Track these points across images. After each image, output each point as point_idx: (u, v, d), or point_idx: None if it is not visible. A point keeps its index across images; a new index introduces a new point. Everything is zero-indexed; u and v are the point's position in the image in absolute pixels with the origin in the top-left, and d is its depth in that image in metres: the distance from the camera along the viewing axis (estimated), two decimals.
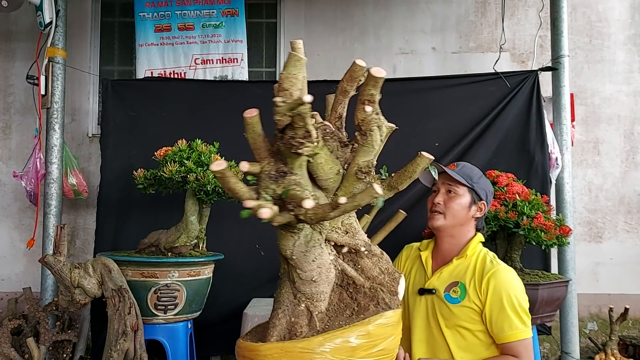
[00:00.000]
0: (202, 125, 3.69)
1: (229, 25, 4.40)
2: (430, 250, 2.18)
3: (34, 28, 3.82)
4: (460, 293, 2.00)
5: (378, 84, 1.31)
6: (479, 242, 2.12)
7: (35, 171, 3.64)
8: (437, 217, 2.09)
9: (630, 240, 4.47)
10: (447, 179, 2.10)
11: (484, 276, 1.98)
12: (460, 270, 2.04)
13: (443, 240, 2.13)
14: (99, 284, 2.69)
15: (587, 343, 4.22)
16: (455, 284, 2.02)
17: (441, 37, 4.58)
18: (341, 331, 1.29)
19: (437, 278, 2.07)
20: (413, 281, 2.16)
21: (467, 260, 2.05)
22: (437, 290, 2.04)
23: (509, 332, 1.92)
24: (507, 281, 1.97)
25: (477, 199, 2.10)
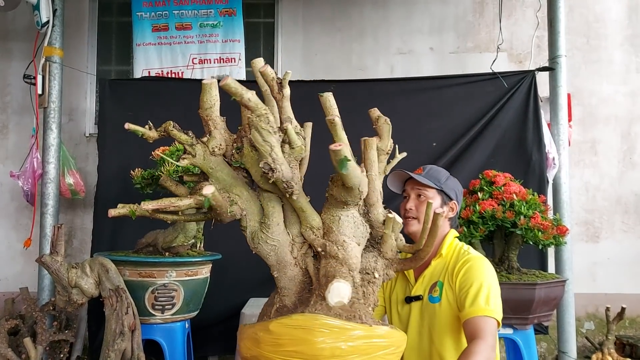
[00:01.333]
0: (199, 124, 3.68)
1: (226, 24, 4.39)
2: None
3: (31, 27, 3.82)
4: (439, 291, 2.02)
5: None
6: (454, 238, 2.14)
7: (32, 171, 3.63)
8: (412, 223, 2.11)
9: (627, 240, 4.48)
10: (415, 184, 2.13)
11: (457, 264, 2.01)
12: (439, 270, 2.07)
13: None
14: (96, 284, 2.68)
15: (584, 342, 4.23)
16: (435, 284, 2.05)
17: (439, 37, 4.58)
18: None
19: (420, 283, 2.09)
20: (397, 292, 2.18)
21: (444, 258, 2.08)
22: (423, 295, 2.06)
23: (470, 308, 1.86)
24: (477, 267, 1.97)
25: (447, 200, 2.13)
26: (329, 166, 1.47)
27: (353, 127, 1.60)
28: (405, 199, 2.17)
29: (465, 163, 3.74)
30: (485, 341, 1.77)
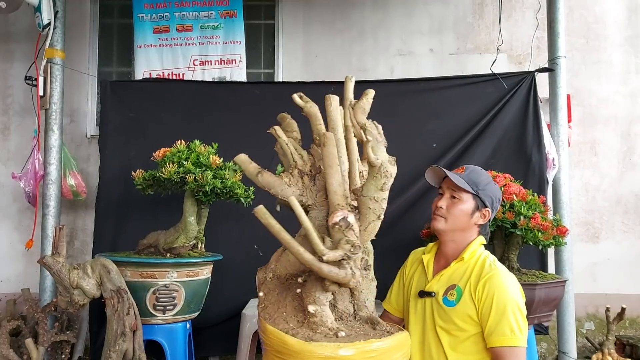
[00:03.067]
0: (200, 126, 3.70)
1: (227, 26, 4.40)
2: (432, 254, 2.18)
3: (33, 29, 3.83)
4: (457, 296, 1.99)
5: None
6: (479, 245, 2.10)
7: (34, 172, 3.64)
8: (439, 220, 2.08)
9: (627, 240, 4.48)
10: (452, 184, 2.08)
11: (480, 279, 1.97)
12: (458, 274, 2.04)
13: (445, 243, 2.13)
14: (97, 285, 2.69)
15: (584, 343, 4.23)
16: (452, 287, 2.02)
17: (439, 39, 4.59)
18: None
19: (437, 281, 2.07)
20: (415, 284, 2.16)
21: (465, 263, 2.05)
22: (436, 294, 2.04)
23: (498, 337, 1.89)
24: (503, 286, 1.94)
25: (481, 206, 2.08)
26: None
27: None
28: (440, 195, 2.14)
29: (465, 164, 3.74)
30: None
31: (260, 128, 1.77)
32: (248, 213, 1.62)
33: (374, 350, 1.37)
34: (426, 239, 3.05)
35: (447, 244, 2.13)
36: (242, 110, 3.78)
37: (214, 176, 2.82)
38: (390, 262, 2.45)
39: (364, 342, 1.40)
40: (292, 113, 1.81)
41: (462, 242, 2.10)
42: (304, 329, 1.45)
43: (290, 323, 1.48)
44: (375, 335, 1.46)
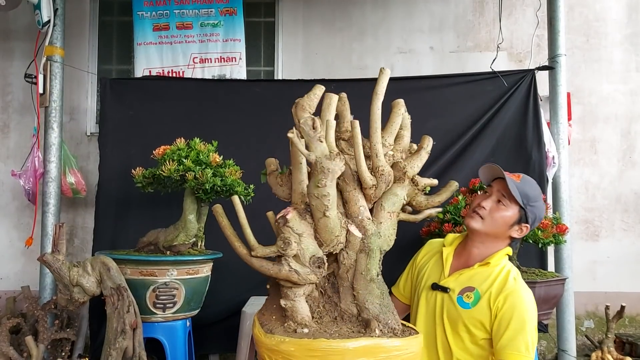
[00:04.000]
0: (200, 123, 3.70)
1: (227, 24, 4.40)
2: (453, 248, 2.13)
3: (32, 27, 3.83)
4: (473, 299, 1.97)
5: None
6: (505, 255, 2.06)
7: (33, 170, 3.64)
8: (476, 219, 2.02)
9: (627, 238, 4.49)
10: (502, 188, 2.02)
11: (501, 292, 1.93)
12: (480, 278, 2.00)
13: (473, 243, 2.07)
14: (97, 283, 2.69)
15: (584, 341, 4.24)
16: (470, 289, 1.99)
17: (439, 37, 4.59)
18: None
19: (455, 279, 2.04)
20: (428, 275, 2.12)
21: (489, 269, 2.01)
22: (452, 291, 2.01)
23: (510, 352, 1.87)
24: (524, 304, 1.92)
25: (523, 220, 2.02)
26: None
27: None
28: (485, 194, 2.08)
29: (465, 162, 3.75)
30: None
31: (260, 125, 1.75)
32: (248, 211, 1.62)
33: (319, 350, 1.36)
34: (426, 237, 3.05)
35: (474, 244, 2.07)
36: (242, 108, 3.78)
37: (213, 174, 2.82)
38: (391, 261, 2.45)
39: (311, 340, 1.40)
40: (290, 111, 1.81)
41: (490, 248, 2.05)
42: (276, 323, 1.53)
43: (273, 316, 1.58)
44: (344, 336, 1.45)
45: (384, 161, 1.58)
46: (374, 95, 1.57)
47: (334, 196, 1.46)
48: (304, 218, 1.51)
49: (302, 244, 1.48)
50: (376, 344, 1.40)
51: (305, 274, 1.48)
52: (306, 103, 1.51)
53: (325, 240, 1.51)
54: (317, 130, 1.42)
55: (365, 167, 1.54)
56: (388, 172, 1.57)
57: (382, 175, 1.56)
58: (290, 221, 1.46)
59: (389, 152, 1.63)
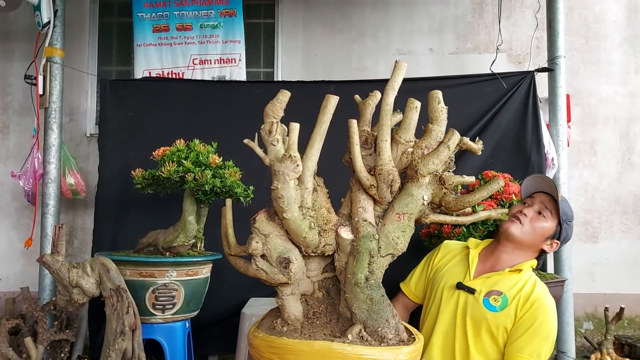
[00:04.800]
0: (200, 125, 3.70)
1: (227, 25, 4.41)
2: (478, 251, 2.16)
3: (32, 28, 3.83)
4: (501, 303, 1.99)
5: None
6: (530, 267, 2.10)
7: (33, 171, 3.64)
8: (516, 225, 2.07)
9: (626, 240, 4.49)
10: (546, 200, 2.09)
11: (529, 299, 1.97)
12: (508, 284, 2.02)
13: (504, 249, 2.11)
14: (97, 284, 2.69)
15: (583, 342, 4.24)
16: (498, 292, 2.01)
17: (438, 38, 4.59)
18: None
19: (483, 281, 2.06)
20: (449, 275, 2.14)
21: (519, 277, 2.04)
22: (478, 292, 2.03)
23: (524, 356, 1.90)
24: (549, 313, 1.95)
25: (556, 237, 2.09)
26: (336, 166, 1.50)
27: None
28: (524, 204, 2.14)
29: (464, 163, 3.75)
30: None
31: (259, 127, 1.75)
32: (247, 212, 1.64)
33: (277, 347, 1.42)
34: (425, 238, 3.05)
35: (506, 250, 2.10)
36: (241, 109, 3.78)
37: (213, 175, 2.82)
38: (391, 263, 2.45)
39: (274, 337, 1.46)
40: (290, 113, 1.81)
41: (520, 257, 2.09)
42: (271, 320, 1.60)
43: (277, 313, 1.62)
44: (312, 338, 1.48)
45: (387, 160, 1.53)
46: (386, 90, 1.54)
47: (289, 198, 1.47)
48: (273, 219, 1.53)
49: (269, 244, 1.51)
50: (332, 349, 1.39)
51: (272, 273, 1.51)
52: (269, 109, 1.55)
53: (297, 242, 1.52)
54: (271, 134, 1.49)
55: (360, 167, 1.52)
56: (387, 171, 1.52)
57: (380, 175, 1.53)
58: (257, 222, 1.52)
59: (407, 150, 1.57)
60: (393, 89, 1.53)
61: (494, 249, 2.14)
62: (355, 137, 1.52)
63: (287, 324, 1.55)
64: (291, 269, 1.50)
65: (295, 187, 1.47)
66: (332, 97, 1.53)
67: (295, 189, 1.47)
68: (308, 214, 1.51)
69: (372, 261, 1.50)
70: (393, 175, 1.52)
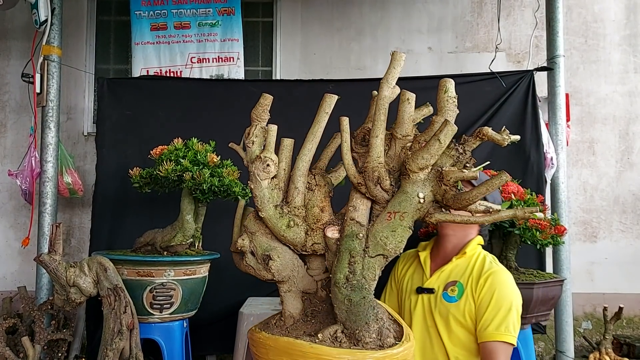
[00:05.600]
0: (198, 123, 3.69)
1: (225, 24, 4.39)
2: (428, 251, 2.19)
3: (30, 26, 3.82)
4: (458, 292, 2.01)
5: None
6: (478, 245, 2.12)
7: (30, 170, 3.62)
8: None
9: (625, 240, 4.49)
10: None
11: (482, 275, 1.99)
12: (460, 270, 2.05)
13: (446, 238, 2.14)
14: (94, 283, 2.68)
15: (582, 342, 4.24)
16: (453, 283, 2.03)
17: (437, 37, 4.59)
18: None
19: (436, 277, 2.08)
20: (411, 281, 2.16)
21: (467, 260, 2.06)
22: (436, 290, 2.05)
23: (492, 332, 1.90)
24: (504, 283, 1.96)
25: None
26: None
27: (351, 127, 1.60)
28: None
29: None
30: None
31: None
32: None
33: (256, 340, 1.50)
34: (424, 237, 3.04)
35: (448, 239, 2.13)
36: (239, 108, 3.77)
37: (211, 174, 2.81)
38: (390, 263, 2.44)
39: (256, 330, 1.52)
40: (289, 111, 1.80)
41: (462, 238, 2.11)
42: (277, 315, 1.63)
43: None
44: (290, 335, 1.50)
45: (375, 156, 1.49)
46: (381, 83, 1.52)
47: (262, 197, 1.51)
48: (260, 218, 1.56)
49: (255, 241, 1.56)
50: (293, 346, 1.42)
51: (258, 269, 1.55)
52: (253, 113, 1.58)
53: (280, 240, 1.55)
54: (248, 136, 1.53)
55: (348, 165, 1.51)
56: (372, 168, 1.46)
57: (365, 172, 1.47)
58: (246, 220, 1.59)
59: (407, 145, 1.53)
60: (387, 81, 1.49)
61: (438, 244, 2.17)
62: (345, 135, 1.51)
63: (284, 319, 1.57)
64: (271, 266, 1.53)
65: (269, 186, 1.51)
66: (328, 97, 1.52)
67: (269, 188, 1.51)
68: (292, 213, 1.52)
69: (353, 261, 1.46)
70: (379, 172, 1.46)
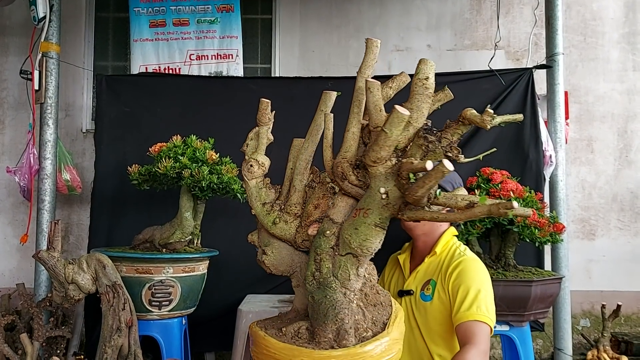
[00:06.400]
0: (196, 121, 3.69)
1: (224, 21, 4.39)
2: (408, 253, 2.21)
3: (28, 23, 3.80)
4: (432, 290, 2.02)
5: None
6: (451, 237, 2.12)
7: (28, 166, 3.62)
8: None
9: (623, 237, 4.49)
10: None
11: (450, 266, 2.00)
12: (432, 268, 2.07)
13: (417, 239, 2.15)
14: (93, 280, 2.68)
15: (580, 339, 4.25)
16: (427, 282, 2.05)
17: (436, 35, 4.58)
18: None
19: (413, 278, 2.10)
20: (394, 285, 2.19)
21: (438, 257, 2.08)
22: (414, 291, 2.07)
23: (464, 313, 1.86)
24: (472, 269, 1.97)
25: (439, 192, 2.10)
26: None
27: None
28: None
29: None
30: (477, 347, 1.76)
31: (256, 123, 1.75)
32: (244, 208, 1.65)
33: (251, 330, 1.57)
34: None
35: (419, 239, 2.15)
36: (238, 105, 3.77)
37: (210, 171, 2.81)
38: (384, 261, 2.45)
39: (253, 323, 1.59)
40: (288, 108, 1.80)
41: (433, 235, 2.12)
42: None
43: None
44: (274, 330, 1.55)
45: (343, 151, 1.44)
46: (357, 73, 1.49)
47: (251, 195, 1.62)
48: None
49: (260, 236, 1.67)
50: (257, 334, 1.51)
51: (261, 262, 1.65)
52: (258, 119, 1.68)
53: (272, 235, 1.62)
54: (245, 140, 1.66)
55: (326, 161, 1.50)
56: (336, 163, 1.44)
57: (332, 169, 1.47)
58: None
59: None
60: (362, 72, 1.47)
61: (413, 245, 2.19)
62: (327, 132, 1.52)
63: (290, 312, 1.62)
64: (264, 260, 1.62)
65: (257, 185, 1.61)
66: (326, 95, 1.52)
67: (257, 187, 1.61)
68: (285, 210, 1.57)
69: (319, 259, 1.44)
70: (342, 167, 1.43)
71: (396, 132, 1.30)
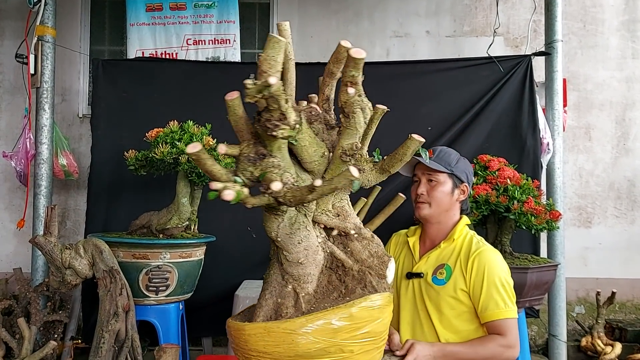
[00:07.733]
0: (193, 106, 3.67)
1: (221, 5, 4.34)
2: (417, 236, 2.22)
3: (23, 6, 3.76)
4: (446, 275, 2.04)
5: (358, 65, 1.25)
6: (465, 225, 2.15)
7: (25, 151, 3.60)
8: (423, 207, 2.12)
9: (619, 225, 4.51)
10: (426, 168, 2.12)
11: (469, 256, 2.03)
12: (447, 254, 2.09)
13: (431, 226, 2.17)
14: (90, 265, 2.68)
15: (575, 326, 4.28)
16: (441, 266, 2.07)
17: (435, 21, 4.55)
18: (323, 313, 1.32)
19: (424, 262, 2.12)
20: (402, 266, 2.19)
21: (454, 243, 2.10)
22: (425, 274, 2.08)
23: (493, 311, 1.96)
24: (492, 261, 2.01)
25: (458, 183, 2.12)
26: None
27: None
28: (415, 182, 2.16)
29: (460, 147, 3.72)
30: (506, 338, 1.94)
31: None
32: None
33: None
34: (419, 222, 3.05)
35: (432, 227, 2.17)
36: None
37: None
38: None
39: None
40: None
41: (447, 223, 2.15)
42: None
43: None
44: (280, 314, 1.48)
45: None
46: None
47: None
48: None
49: None
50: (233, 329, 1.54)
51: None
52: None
53: None
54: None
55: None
56: None
57: None
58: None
59: None
60: (263, 71, 1.18)
61: (425, 230, 2.21)
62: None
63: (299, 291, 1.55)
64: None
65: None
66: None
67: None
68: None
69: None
70: None
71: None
